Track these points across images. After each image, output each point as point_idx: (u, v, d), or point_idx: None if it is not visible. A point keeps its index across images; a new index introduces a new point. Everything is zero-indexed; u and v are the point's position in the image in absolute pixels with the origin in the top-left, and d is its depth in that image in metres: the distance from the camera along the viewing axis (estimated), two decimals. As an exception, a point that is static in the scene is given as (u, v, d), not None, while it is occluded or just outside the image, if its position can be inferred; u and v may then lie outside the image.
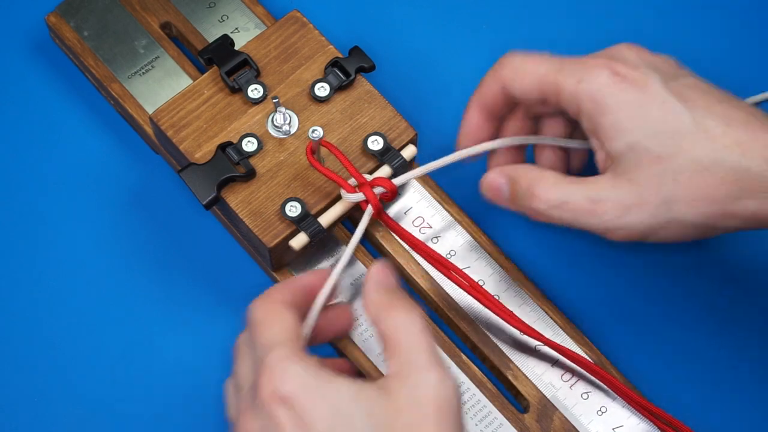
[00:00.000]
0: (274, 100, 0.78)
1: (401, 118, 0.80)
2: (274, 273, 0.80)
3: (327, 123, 0.80)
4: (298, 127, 0.80)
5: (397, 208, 0.81)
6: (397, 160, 0.78)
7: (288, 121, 0.79)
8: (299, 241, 0.77)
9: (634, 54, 0.72)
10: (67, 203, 0.83)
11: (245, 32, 0.85)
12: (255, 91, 0.80)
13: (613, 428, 0.77)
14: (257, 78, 0.80)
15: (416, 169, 0.76)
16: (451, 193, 0.82)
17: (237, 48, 0.81)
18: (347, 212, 0.78)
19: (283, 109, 0.79)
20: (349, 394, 0.63)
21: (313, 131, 0.76)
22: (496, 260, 0.80)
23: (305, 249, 0.77)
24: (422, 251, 0.77)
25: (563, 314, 0.80)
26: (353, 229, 0.77)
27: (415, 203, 0.82)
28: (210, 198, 0.77)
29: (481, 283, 0.79)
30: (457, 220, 0.81)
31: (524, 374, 0.78)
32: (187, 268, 0.82)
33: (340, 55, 0.81)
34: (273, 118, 0.79)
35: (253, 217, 0.77)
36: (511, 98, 0.74)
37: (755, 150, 0.68)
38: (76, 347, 0.80)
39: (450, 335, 0.80)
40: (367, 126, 0.80)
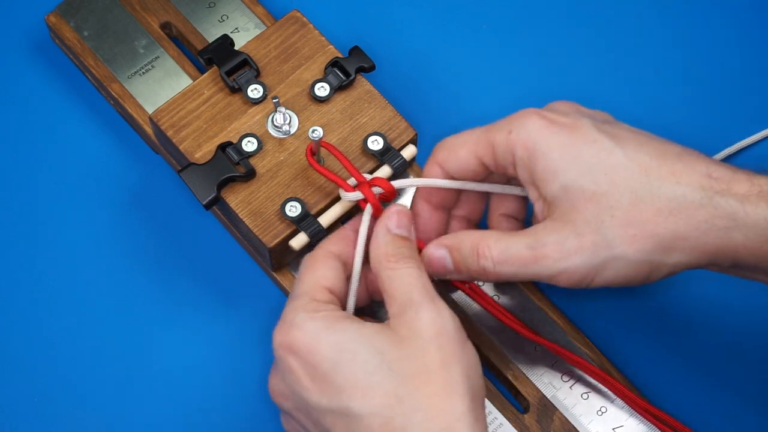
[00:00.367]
0: (274, 100, 0.78)
1: (401, 118, 0.80)
2: (274, 273, 0.80)
3: (327, 123, 0.80)
4: (298, 127, 0.80)
5: (397, 208, 0.81)
6: (397, 160, 0.78)
7: (288, 121, 0.79)
8: (299, 241, 0.77)
9: (565, 106, 0.72)
10: (67, 203, 0.83)
11: (245, 32, 0.85)
12: (255, 91, 0.80)
13: (613, 428, 0.77)
14: (257, 78, 0.80)
15: (415, 178, 0.76)
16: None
17: (237, 48, 0.81)
18: (347, 212, 0.78)
19: (283, 109, 0.79)
20: (353, 333, 0.67)
21: (313, 131, 0.76)
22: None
23: (305, 249, 0.77)
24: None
25: (563, 314, 0.80)
26: (353, 229, 0.77)
27: (415, 203, 0.82)
28: (210, 198, 0.77)
29: (479, 284, 0.79)
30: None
31: (524, 374, 0.78)
32: (187, 268, 0.82)
33: (340, 55, 0.81)
34: (273, 118, 0.79)
35: (253, 217, 0.77)
36: (453, 177, 0.74)
37: (691, 177, 0.68)
38: (76, 347, 0.80)
39: (450, 335, 0.80)
40: (367, 126, 0.80)
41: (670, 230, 0.67)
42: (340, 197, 0.77)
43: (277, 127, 0.79)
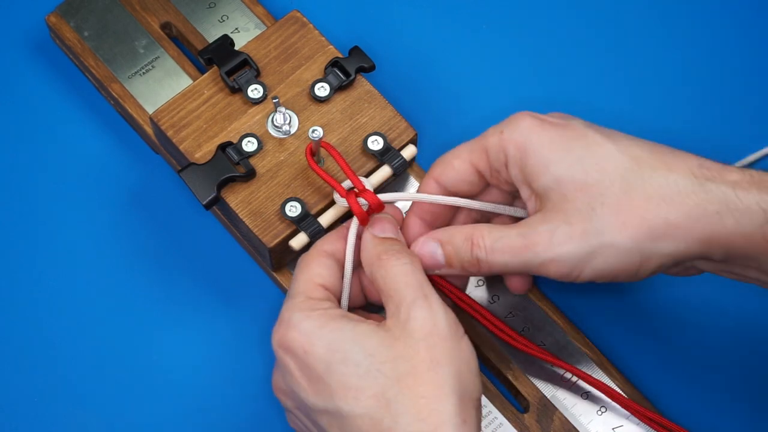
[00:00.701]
0: (274, 100, 0.78)
1: (401, 118, 0.80)
2: (274, 273, 0.80)
3: (327, 123, 0.80)
4: (298, 127, 0.80)
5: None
6: (397, 160, 0.78)
7: (288, 121, 0.79)
8: (299, 241, 0.77)
9: (559, 114, 0.73)
10: (67, 203, 0.83)
11: (245, 32, 0.85)
12: (255, 91, 0.80)
13: (612, 428, 0.77)
14: (257, 78, 0.80)
15: (403, 193, 0.75)
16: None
17: (237, 48, 0.81)
18: (347, 212, 0.78)
19: (283, 109, 0.79)
20: (348, 333, 0.68)
21: (313, 131, 0.76)
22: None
23: (305, 249, 0.77)
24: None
25: (563, 314, 0.80)
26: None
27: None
28: (210, 198, 0.77)
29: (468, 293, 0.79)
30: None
31: (524, 374, 0.78)
32: (187, 268, 0.82)
33: (340, 55, 0.81)
34: (273, 118, 0.79)
35: (253, 217, 0.77)
36: (448, 193, 0.74)
37: (682, 167, 0.68)
38: (76, 347, 0.80)
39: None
40: (367, 126, 0.80)
41: (662, 217, 0.67)
42: (340, 197, 0.77)
43: (277, 127, 0.79)
